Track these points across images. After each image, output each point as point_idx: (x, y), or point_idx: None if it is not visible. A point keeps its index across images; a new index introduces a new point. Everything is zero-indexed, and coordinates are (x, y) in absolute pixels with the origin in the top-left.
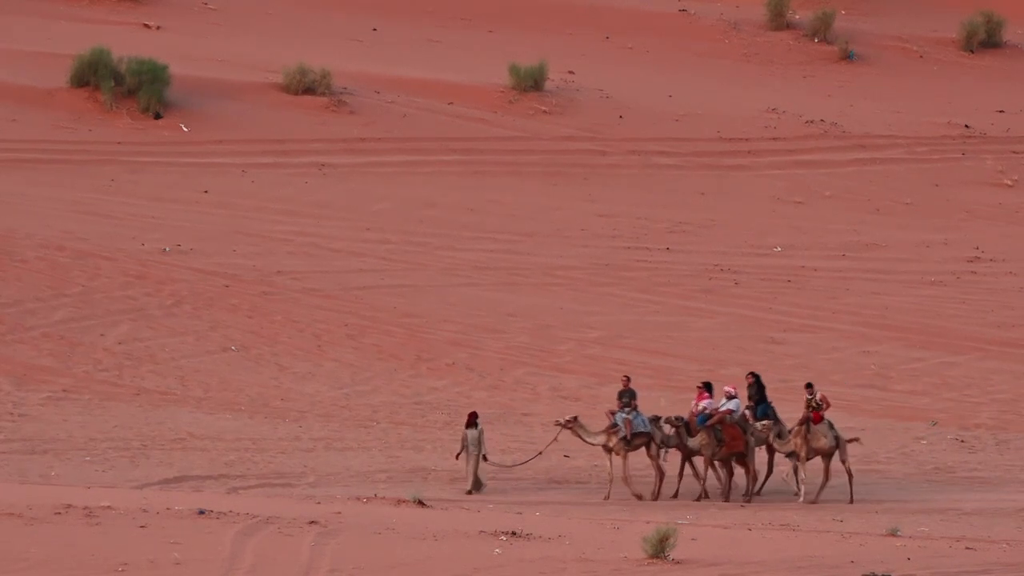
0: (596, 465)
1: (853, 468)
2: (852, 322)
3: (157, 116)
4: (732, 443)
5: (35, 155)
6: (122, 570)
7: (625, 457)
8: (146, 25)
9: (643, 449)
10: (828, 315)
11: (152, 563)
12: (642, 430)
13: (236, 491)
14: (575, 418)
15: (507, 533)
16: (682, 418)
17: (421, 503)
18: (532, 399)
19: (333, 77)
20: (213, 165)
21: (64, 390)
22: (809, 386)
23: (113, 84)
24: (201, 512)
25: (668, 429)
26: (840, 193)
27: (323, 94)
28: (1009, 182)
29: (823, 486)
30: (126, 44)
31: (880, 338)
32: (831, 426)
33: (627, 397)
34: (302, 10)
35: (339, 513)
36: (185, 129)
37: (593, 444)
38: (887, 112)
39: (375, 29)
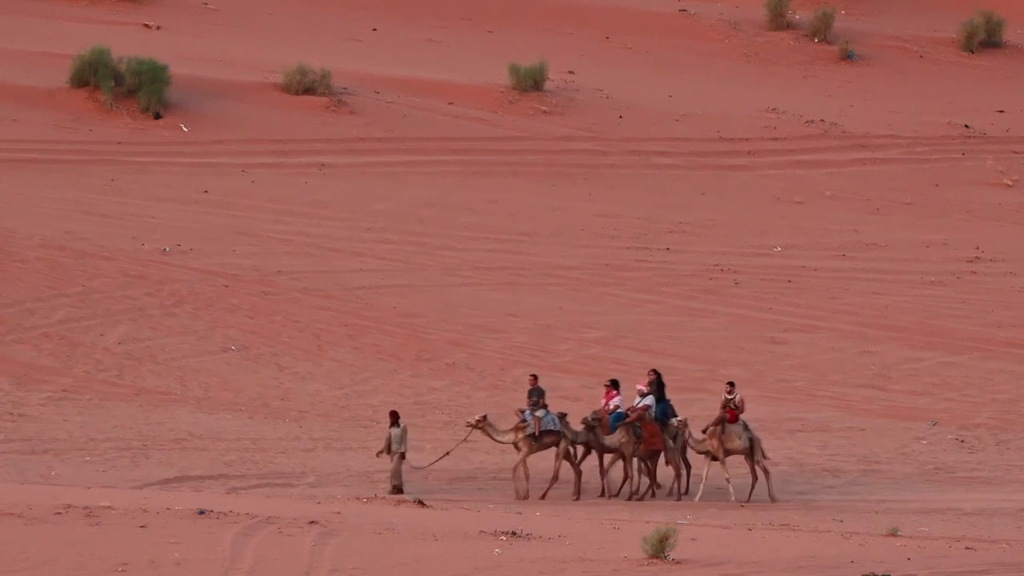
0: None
1: (853, 468)
2: (852, 322)
3: (157, 116)
4: (650, 440)
5: (35, 155)
6: (122, 570)
7: (527, 454)
8: (146, 25)
9: (549, 448)
10: (828, 315)
11: (152, 563)
12: (552, 428)
13: (236, 491)
14: (484, 417)
15: (507, 533)
16: (598, 417)
17: (421, 503)
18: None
19: (333, 77)
20: (213, 165)
21: (64, 390)
22: (731, 384)
23: (113, 84)
24: (201, 512)
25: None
26: (840, 193)
27: (323, 94)
28: (1009, 182)
29: (764, 484)
30: (126, 44)
31: (880, 338)
32: (746, 427)
33: (536, 396)
34: (302, 10)
35: (339, 513)
36: (185, 129)
37: (503, 443)
38: (887, 112)
39: (375, 29)
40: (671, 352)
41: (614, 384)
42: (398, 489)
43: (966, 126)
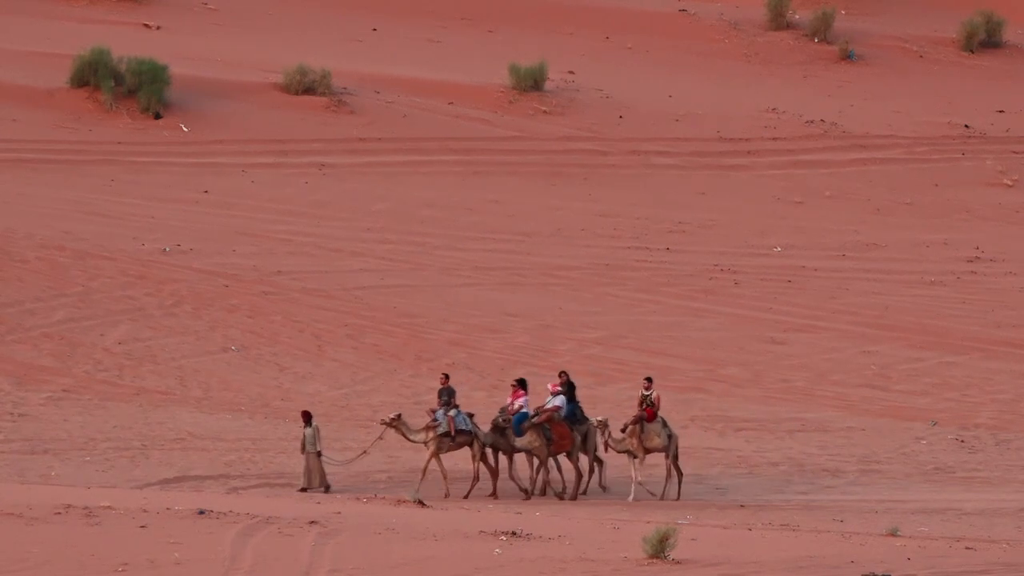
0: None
1: (853, 468)
2: (852, 322)
3: (157, 116)
4: (560, 442)
5: (35, 155)
6: (122, 570)
7: (435, 453)
8: (146, 25)
9: (464, 447)
10: (828, 315)
11: (152, 563)
12: (464, 428)
13: (236, 491)
14: (399, 416)
15: (507, 533)
16: (509, 419)
17: (421, 503)
18: (532, 399)
19: (333, 77)
20: (213, 165)
21: (64, 390)
22: (649, 380)
23: (113, 84)
24: (201, 512)
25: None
26: (840, 193)
27: (323, 94)
28: (1009, 182)
29: (667, 484)
30: (126, 44)
31: (880, 338)
32: (664, 424)
33: (446, 395)
34: (302, 10)
35: (339, 513)
36: (185, 129)
37: (415, 442)
38: (887, 112)
39: (375, 29)
40: (671, 352)
41: (521, 384)
42: (327, 488)
43: (966, 126)
